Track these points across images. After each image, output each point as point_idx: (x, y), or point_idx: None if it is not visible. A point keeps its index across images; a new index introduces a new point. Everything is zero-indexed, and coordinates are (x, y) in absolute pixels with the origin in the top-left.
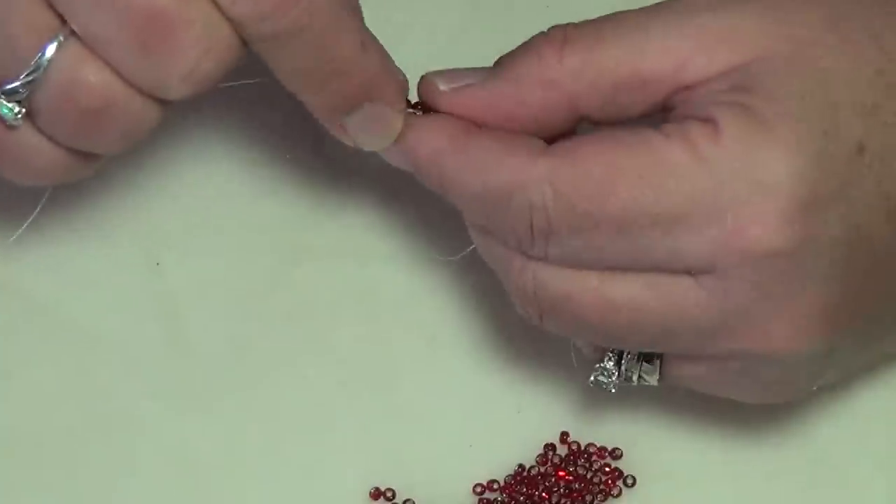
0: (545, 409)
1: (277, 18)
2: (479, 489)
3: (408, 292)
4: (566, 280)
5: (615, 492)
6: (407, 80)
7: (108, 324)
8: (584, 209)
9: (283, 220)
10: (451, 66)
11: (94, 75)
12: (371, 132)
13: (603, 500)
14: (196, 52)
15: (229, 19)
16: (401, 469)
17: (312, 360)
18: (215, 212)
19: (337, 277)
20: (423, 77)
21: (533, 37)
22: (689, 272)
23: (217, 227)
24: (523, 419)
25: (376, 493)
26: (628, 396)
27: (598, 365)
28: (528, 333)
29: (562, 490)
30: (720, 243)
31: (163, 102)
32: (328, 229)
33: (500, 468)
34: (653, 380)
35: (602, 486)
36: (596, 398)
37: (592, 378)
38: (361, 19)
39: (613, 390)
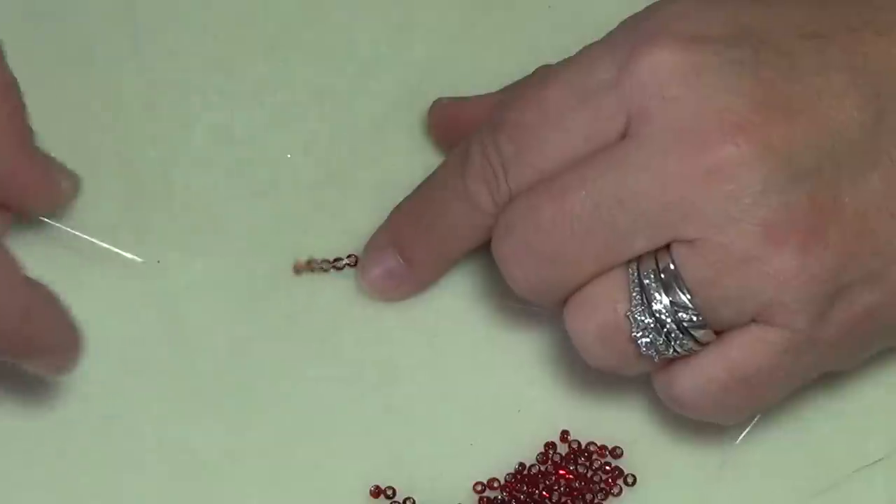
0: (545, 408)
1: None
2: (479, 487)
3: None
4: (533, 204)
5: (616, 490)
6: None
7: (109, 323)
8: (514, 122)
9: (283, 220)
10: (451, 67)
11: None
12: None
13: (603, 499)
14: None
15: None
16: (401, 467)
17: (313, 359)
18: (215, 212)
19: (337, 277)
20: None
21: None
22: (622, 134)
23: (217, 227)
24: (524, 418)
25: (377, 492)
26: (629, 396)
27: (635, 331)
28: (529, 333)
29: (562, 489)
30: (620, 81)
31: None
32: (328, 229)
33: (500, 467)
34: (689, 309)
35: (602, 485)
36: (596, 397)
37: (643, 343)
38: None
39: (668, 351)
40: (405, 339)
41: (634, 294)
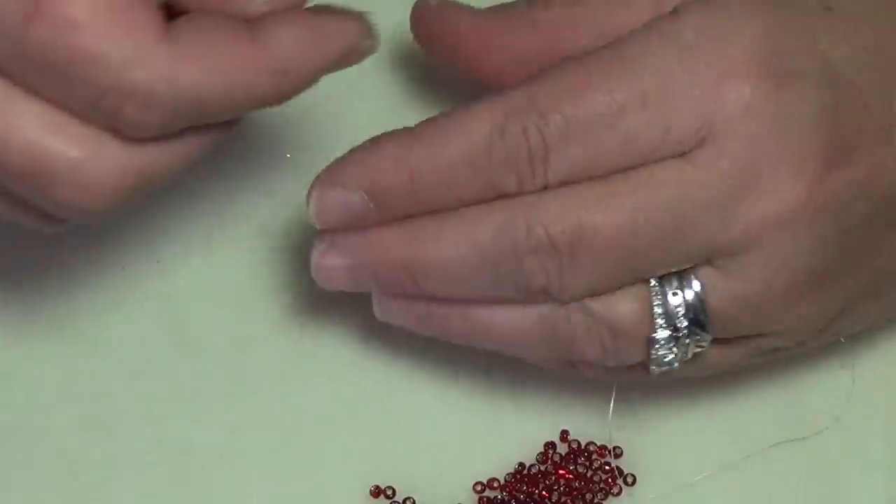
0: (545, 408)
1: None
2: (479, 487)
3: None
4: (571, 212)
5: (615, 490)
6: None
7: (109, 323)
8: (570, 113)
9: (283, 219)
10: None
11: None
12: None
13: (603, 499)
14: (72, 192)
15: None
16: (401, 467)
17: (312, 359)
18: (215, 211)
19: None
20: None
21: None
22: (682, 153)
23: (217, 227)
24: (523, 418)
25: (376, 491)
26: (629, 396)
27: (651, 348)
28: None
29: (562, 488)
30: (703, 107)
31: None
32: None
33: (500, 466)
34: (706, 337)
35: (602, 485)
36: (596, 397)
37: (654, 361)
38: None
39: (677, 365)
40: (405, 338)
41: (657, 308)
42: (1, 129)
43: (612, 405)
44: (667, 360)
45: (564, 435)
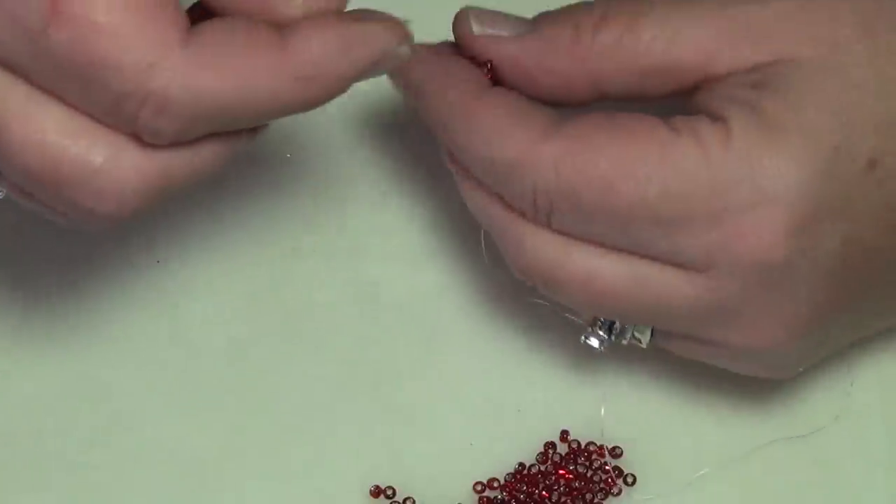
0: (545, 408)
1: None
2: (479, 487)
3: (408, 292)
4: (558, 257)
5: (615, 490)
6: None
7: (109, 322)
8: (587, 200)
9: (283, 220)
10: None
11: None
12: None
13: (603, 499)
14: (90, 201)
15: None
16: (401, 467)
17: (312, 359)
18: (215, 211)
19: (337, 277)
20: (460, 10)
21: (575, 4)
22: (681, 267)
23: (217, 227)
24: (523, 418)
25: (376, 491)
26: (629, 396)
27: (589, 329)
28: (528, 333)
29: (562, 488)
30: (717, 247)
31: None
32: (328, 229)
33: (500, 466)
34: (644, 341)
35: (602, 485)
36: (596, 397)
37: (583, 339)
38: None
39: (602, 351)
40: (405, 338)
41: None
42: (19, 132)
43: (602, 410)
44: (594, 345)
45: (564, 435)
